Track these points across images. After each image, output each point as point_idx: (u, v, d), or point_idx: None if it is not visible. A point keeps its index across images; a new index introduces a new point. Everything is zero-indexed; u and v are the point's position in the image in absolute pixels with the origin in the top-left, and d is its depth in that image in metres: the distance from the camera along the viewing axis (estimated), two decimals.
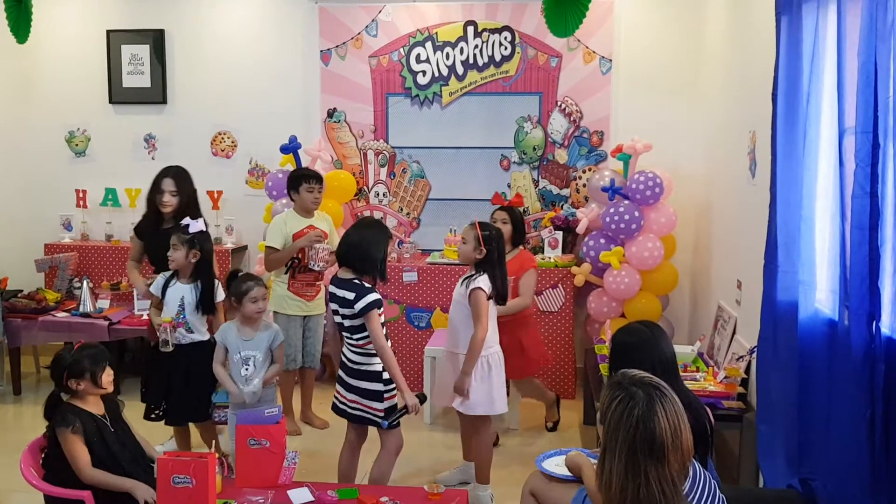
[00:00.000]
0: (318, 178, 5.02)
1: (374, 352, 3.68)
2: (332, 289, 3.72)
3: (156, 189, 4.57)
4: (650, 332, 2.93)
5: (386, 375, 3.69)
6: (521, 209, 4.92)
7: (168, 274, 4.17)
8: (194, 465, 2.94)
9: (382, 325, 3.67)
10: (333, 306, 3.72)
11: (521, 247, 4.88)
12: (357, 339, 3.69)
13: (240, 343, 3.89)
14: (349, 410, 3.79)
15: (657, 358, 2.85)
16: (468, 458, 4.36)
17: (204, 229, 4.17)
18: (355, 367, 3.72)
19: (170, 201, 4.55)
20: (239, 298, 3.91)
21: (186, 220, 4.14)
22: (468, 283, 3.93)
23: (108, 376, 3.30)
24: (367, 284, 3.65)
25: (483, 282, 3.90)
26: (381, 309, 3.66)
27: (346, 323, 3.68)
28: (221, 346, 3.91)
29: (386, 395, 3.71)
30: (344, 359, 3.79)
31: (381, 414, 3.69)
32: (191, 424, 4.30)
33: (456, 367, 4.05)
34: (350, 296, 3.61)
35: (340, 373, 3.81)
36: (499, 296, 3.98)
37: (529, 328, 4.84)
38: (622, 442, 2.06)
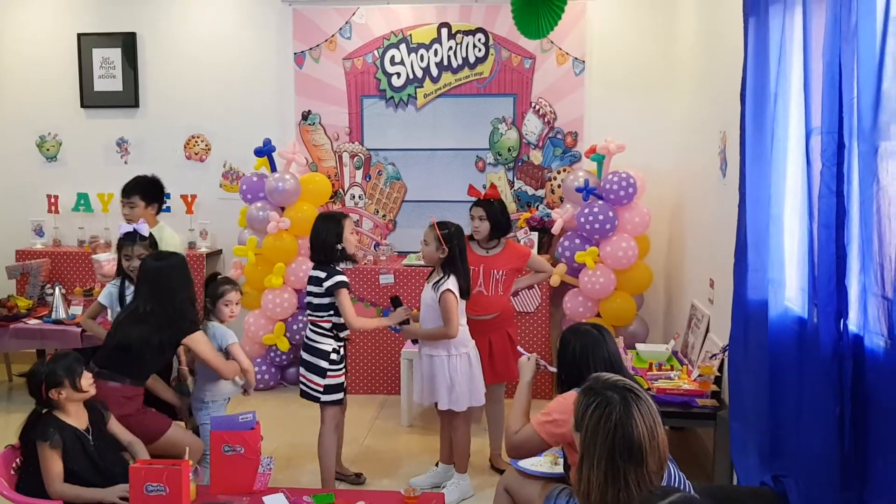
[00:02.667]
0: (125, 192, 4.72)
1: (327, 332, 4.01)
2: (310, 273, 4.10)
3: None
4: (598, 333, 2.96)
5: (334, 356, 4.01)
6: (497, 200, 4.51)
7: (118, 282, 4.10)
8: (168, 472, 2.92)
9: None
10: (308, 289, 4.06)
11: (503, 238, 4.55)
12: (318, 316, 4.02)
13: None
14: (301, 387, 4.11)
15: (605, 358, 2.88)
16: (446, 460, 4.34)
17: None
18: (309, 343, 4.06)
19: None
20: (214, 301, 3.92)
21: (130, 227, 4.12)
22: (437, 287, 4.02)
23: (87, 380, 3.25)
24: (337, 268, 4.01)
25: (451, 283, 4.02)
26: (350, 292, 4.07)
27: (315, 301, 4.01)
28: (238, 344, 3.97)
29: (329, 373, 4.01)
30: (304, 340, 4.12)
31: (321, 389, 4.01)
32: None
33: (434, 369, 4.12)
34: (322, 274, 3.98)
35: (301, 353, 4.14)
36: (463, 291, 4.08)
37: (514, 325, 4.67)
38: (601, 447, 2.04)
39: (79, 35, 6.39)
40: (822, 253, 2.63)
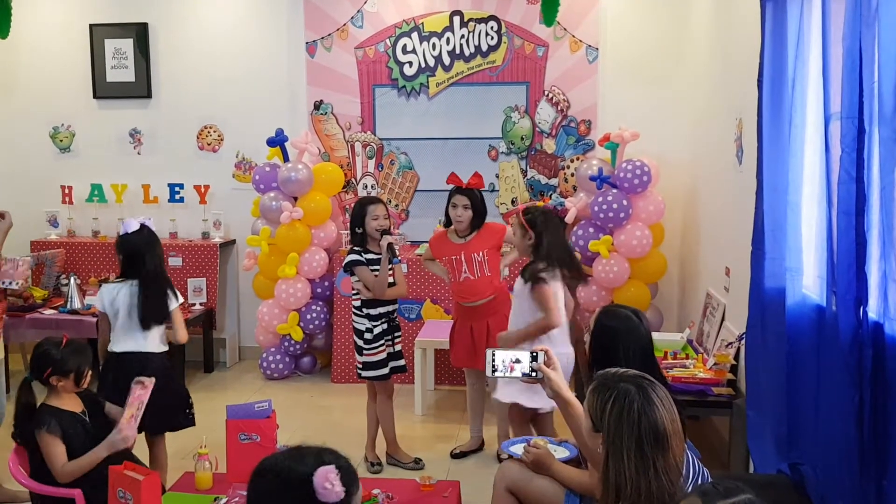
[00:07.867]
0: None
1: (357, 311, 4.26)
2: None
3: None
4: (635, 317, 2.92)
5: (367, 336, 4.22)
6: (480, 191, 4.44)
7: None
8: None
9: None
10: None
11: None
12: (352, 297, 4.33)
13: None
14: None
15: (642, 342, 2.84)
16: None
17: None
18: (353, 324, 4.35)
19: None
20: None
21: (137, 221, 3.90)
22: (532, 280, 3.80)
23: (87, 379, 3.27)
24: (355, 249, 4.25)
25: (543, 272, 3.80)
26: (366, 267, 4.20)
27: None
28: None
29: (365, 351, 4.25)
30: None
31: (360, 366, 4.30)
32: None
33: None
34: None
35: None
36: (575, 272, 3.93)
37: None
38: (628, 439, 2.00)
39: (91, 26, 6.39)
40: (841, 240, 2.60)
